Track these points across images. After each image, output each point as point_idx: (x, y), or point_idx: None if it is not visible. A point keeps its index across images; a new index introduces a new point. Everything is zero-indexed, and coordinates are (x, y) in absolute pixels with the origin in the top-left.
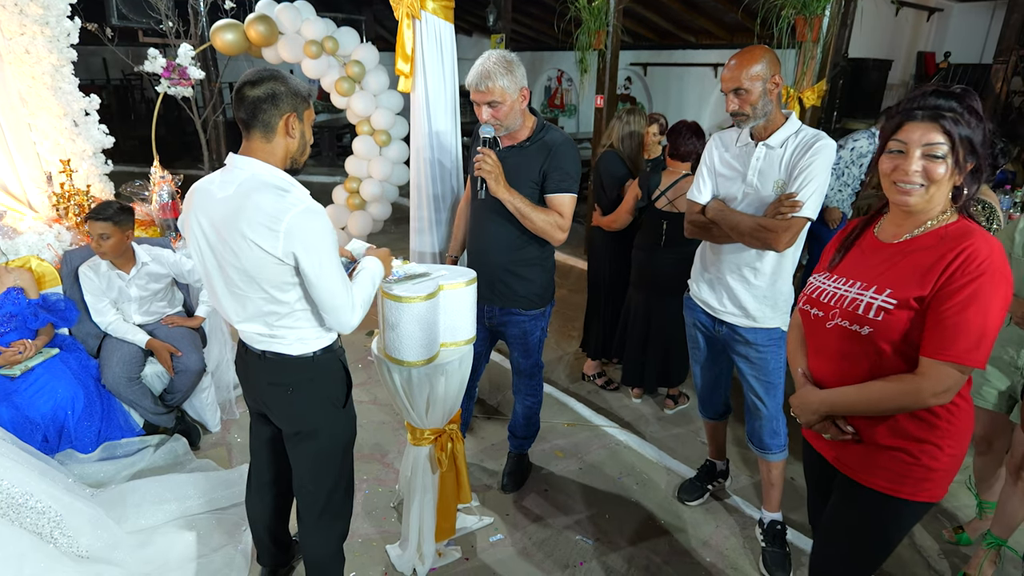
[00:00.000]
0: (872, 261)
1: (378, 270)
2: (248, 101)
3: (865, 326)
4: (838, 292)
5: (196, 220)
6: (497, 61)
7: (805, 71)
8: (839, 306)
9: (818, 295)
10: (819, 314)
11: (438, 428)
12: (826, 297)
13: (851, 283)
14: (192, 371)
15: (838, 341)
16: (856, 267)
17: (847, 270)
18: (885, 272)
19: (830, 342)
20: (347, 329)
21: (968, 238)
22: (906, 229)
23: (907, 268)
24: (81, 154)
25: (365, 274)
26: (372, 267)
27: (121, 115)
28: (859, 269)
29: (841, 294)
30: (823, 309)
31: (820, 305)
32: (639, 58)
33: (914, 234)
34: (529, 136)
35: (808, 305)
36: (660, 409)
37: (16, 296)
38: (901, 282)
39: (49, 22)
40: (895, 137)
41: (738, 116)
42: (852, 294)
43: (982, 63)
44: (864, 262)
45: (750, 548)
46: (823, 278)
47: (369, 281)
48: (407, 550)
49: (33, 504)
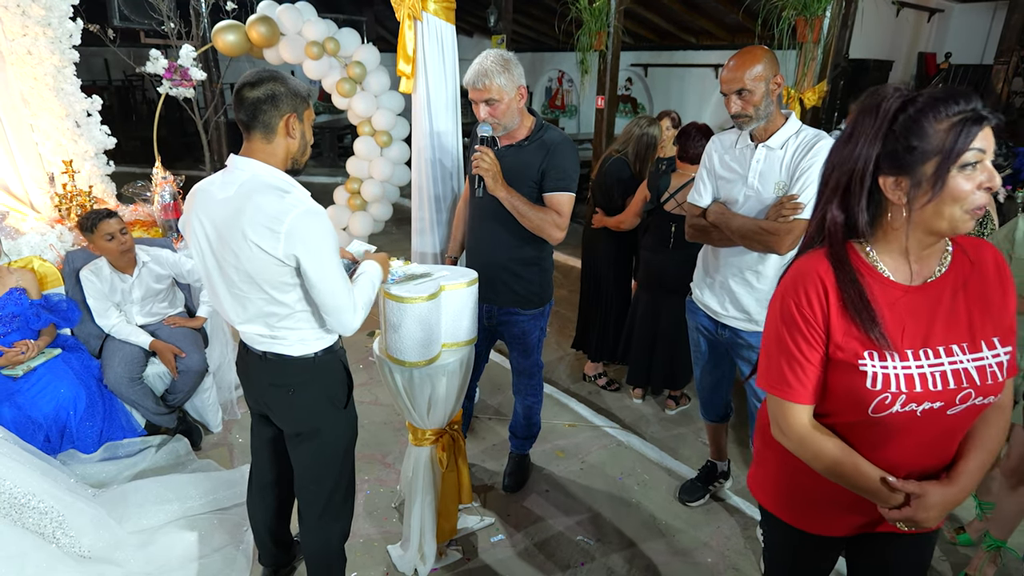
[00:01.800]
0: (927, 314)
1: (377, 274)
2: (248, 102)
3: (1000, 389)
4: (947, 370)
5: (197, 221)
6: (495, 59)
7: (806, 72)
8: (970, 385)
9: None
10: (936, 406)
11: (439, 428)
12: (936, 383)
13: (946, 350)
14: (194, 371)
15: (965, 421)
16: (920, 329)
17: (912, 338)
18: (967, 321)
19: (952, 428)
20: (348, 331)
21: (982, 245)
22: (935, 259)
23: (981, 304)
24: (83, 155)
25: (364, 278)
26: (371, 271)
27: (123, 116)
28: (929, 331)
29: (955, 370)
30: (941, 398)
31: (932, 395)
32: (640, 59)
33: (946, 263)
34: (528, 135)
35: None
36: (661, 410)
37: (19, 296)
38: (996, 320)
39: (51, 23)
40: (975, 147)
41: (740, 118)
42: (972, 364)
43: (983, 64)
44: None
45: (751, 549)
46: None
47: (369, 284)
48: (408, 550)
49: (35, 504)
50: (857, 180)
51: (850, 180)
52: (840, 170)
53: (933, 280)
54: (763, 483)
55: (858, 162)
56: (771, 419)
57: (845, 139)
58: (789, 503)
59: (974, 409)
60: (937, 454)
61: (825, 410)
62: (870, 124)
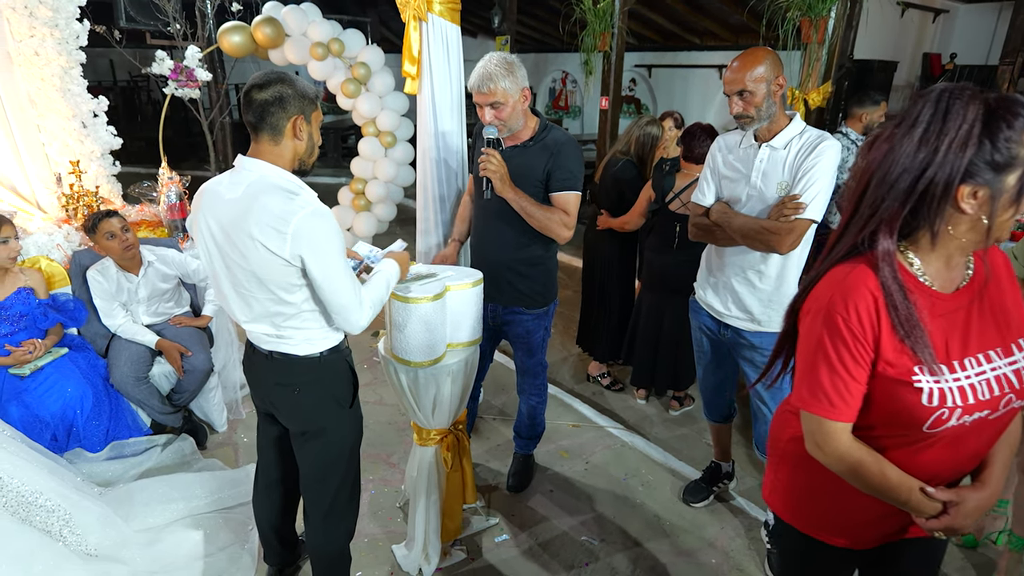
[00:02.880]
0: (963, 323)
1: (394, 273)
2: (256, 104)
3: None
4: (990, 378)
5: (204, 221)
6: (498, 63)
7: (810, 73)
8: (1012, 390)
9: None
10: (983, 414)
11: (444, 428)
12: (981, 392)
13: (985, 358)
14: (200, 371)
15: (1004, 424)
16: (959, 340)
17: (954, 350)
18: (999, 325)
19: (992, 432)
20: (356, 329)
21: (991, 249)
22: (964, 266)
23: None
24: (89, 155)
25: (380, 276)
26: (388, 269)
27: (128, 117)
28: (965, 341)
29: (996, 377)
30: (988, 406)
31: (980, 405)
32: (644, 60)
33: (967, 277)
34: (532, 136)
35: (965, 416)
36: (665, 410)
37: (27, 296)
38: (1015, 325)
39: (58, 24)
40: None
41: (742, 118)
42: (1010, 369)
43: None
44: (957, 330)
45: (755, 549)
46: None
47: (384, 283)
48: (413, 550)
49: (43, 502)
50: (940, 188)
51: (928, 187)
52: (915, 175)
53: (963, 287)
54: (780, 493)
55: (942, 169)
56: (806, 434)
57: (917, 142)
58: (811, 514)
59: (1012, 412)
60: (975, 461)
61: (867, 423)
62: (953, 129)
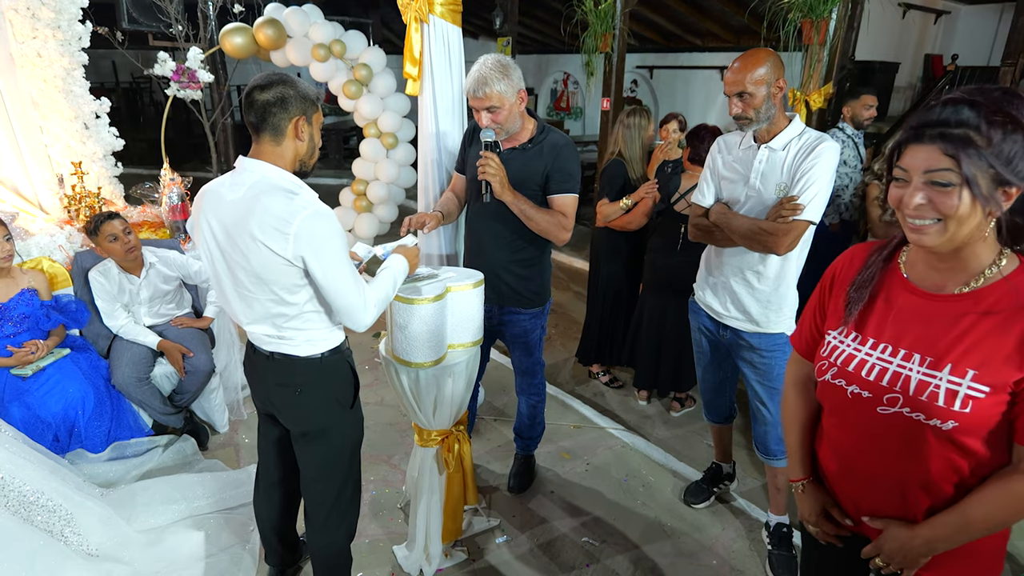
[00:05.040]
0: (920, 320)
1: (402, 269)
2: (258, 105)
3: (949, 420)
4: (889, 368)
5: (206, 222)
6: (493, 66)
7: (811, 74)
8: (901, 391)
9: (857, 367)
10: (863, 394)
11: (445, 429)
12: (872, 372)
13: (905, 355)
14: (202, 372)
15: (900, 433)
16: (898, 328)
17: (884, 331)
18: (953, 342)
19: (886, 434)
20: (361, 328)
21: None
22: (955, 278)
23: (992, 338)
24: (91, 156)
25: (387, 273)
26: (396, 266)
27: (130, 118)
28: (904, 332)
29: (896, 371)
30: (870, 389)
31: (864, 383)
32: (645, 61)
33: (973, 286)
34: (531, 138)
35: (842, 379)
36: (666, 411)
37: (30, 297)
38: (989, 359)
39: (61, 26)
40: (897, 164)
41: (741, 120)
42: (918, 375)
43: (990, 66)
44: (907, 321)
45: (756, 551)
46: (852, 340)
47: (391, 280)
48: (414, 551)
49: (44, 502)
50: None
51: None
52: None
53: (950, 294)
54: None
55: None
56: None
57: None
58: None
59: (906, 421)
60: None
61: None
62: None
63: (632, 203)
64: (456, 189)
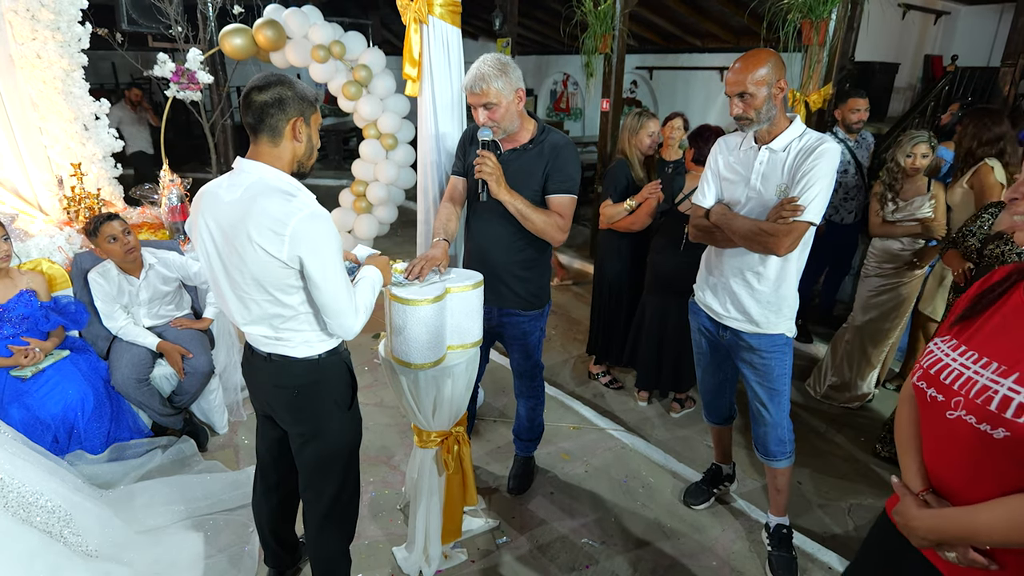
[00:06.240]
0: (1017, 334)
1: (377, 278)
2: (255, 106)
3: (999, 427)
4: (965, 373)
5: (204, 223)
6: (491, 63)
7: (811, 75)
8: (965, 393)
9: (939, 371)
10: (938, 398)
11: (444, 431)
12: (949, 376)
13: (986, 362)
14: (201, 373)
15: (965, 441)
16: (995, 339)
17: (982, 342)
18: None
19: (955, 441)
20: (350, 334)
21: None
22: None
23: None
24: (91, 158)
25: (365, 282)
26: (371, 275)
27: None
28: (1000, 343)
29: (969, 376)
30: (944, 392)
31: (940, 386)
32: (645, 62)
33: None
34: (531, 139)
35: (924, 382)
36: (666, 412)
37: (29, 299)
38: None
39: (60, 27)
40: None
41: (742, 120)
42: (984, 380)
43: (990, 66)
44: (1007, 333)
45: (756, 552)
46: (947, 347)
47: (369, 288)
48: (413, 552)
49: (43, 503)
50: None
51: None
52: None
53: None
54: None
55: None
56: None
57: None
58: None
59: (966, 427)
60: (947, 471)
61: None
62: None
63: (636, 204)
64: (455, 195)
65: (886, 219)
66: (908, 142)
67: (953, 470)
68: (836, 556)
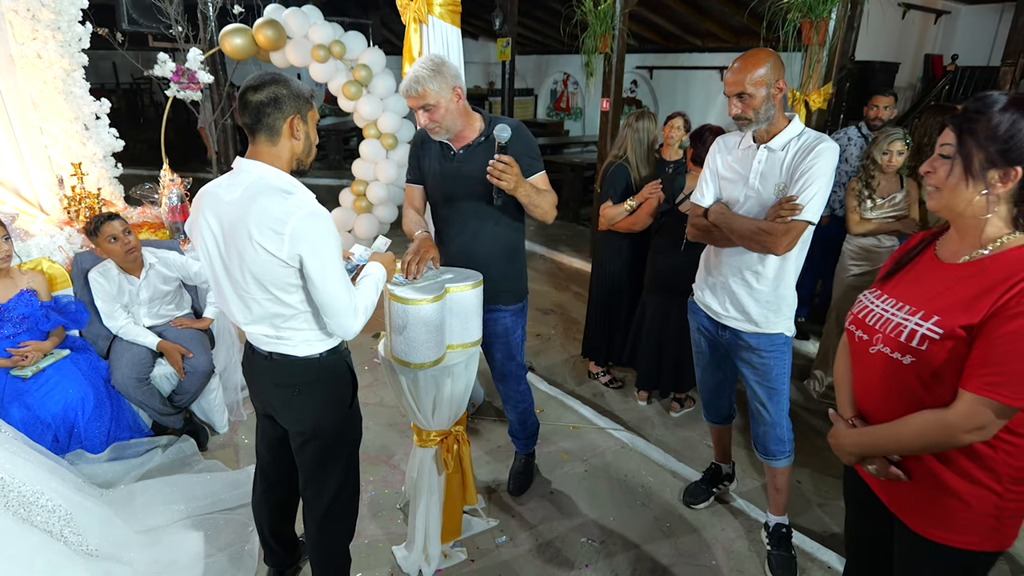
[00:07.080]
0: (927, 283)
1: (381, 276)
2: (251, 106)
3: (907, 355)
4: (884, 315)
5: (204, 223)
6: (424, 64)
7: (811, 74)
8: (883, 330)
9: (864, 315)
10: (863, 337)
11: (444, 430)
12: (872, 319)
13: (900, 306)
14: (201, 372)
15: (881, 370)
16: (909, 288)
17: (899, 290)
18: (936, 296)
19: (874, 370)
20: (349, 334)
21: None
22: (963, 249)
23: (959, 293)
24: (91, 157)
25: (369, 280)
26: (376, 272)
27: (130, 119)
28: (912, 291)
29: (887, 318)
30: (868, 332)
31: (865, 327)
32: (645, 61)
33: (972, 256)
34: (481, 132)
35: (853, 326)
36: (666, 412)
37: (29, 298)
38: (951, 308)
39: (61, 27)
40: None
41: (740, 120)
42: (898, 318)
43: (990, 65)
44: (918, 283)
45: (756, 551)
46: (873, 297)
47: (373, 287)
48: (413, 551)
49: (44, 502)
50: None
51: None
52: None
53: (955, 263)
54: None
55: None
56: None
57: None
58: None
59: (883, 357)
60: (870, 401)
61: None
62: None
63: (637, 204)
64: (416, 204)
65: (863, 216)
66: (884, 139)
67: (873, 395)
68: (835, 555)
